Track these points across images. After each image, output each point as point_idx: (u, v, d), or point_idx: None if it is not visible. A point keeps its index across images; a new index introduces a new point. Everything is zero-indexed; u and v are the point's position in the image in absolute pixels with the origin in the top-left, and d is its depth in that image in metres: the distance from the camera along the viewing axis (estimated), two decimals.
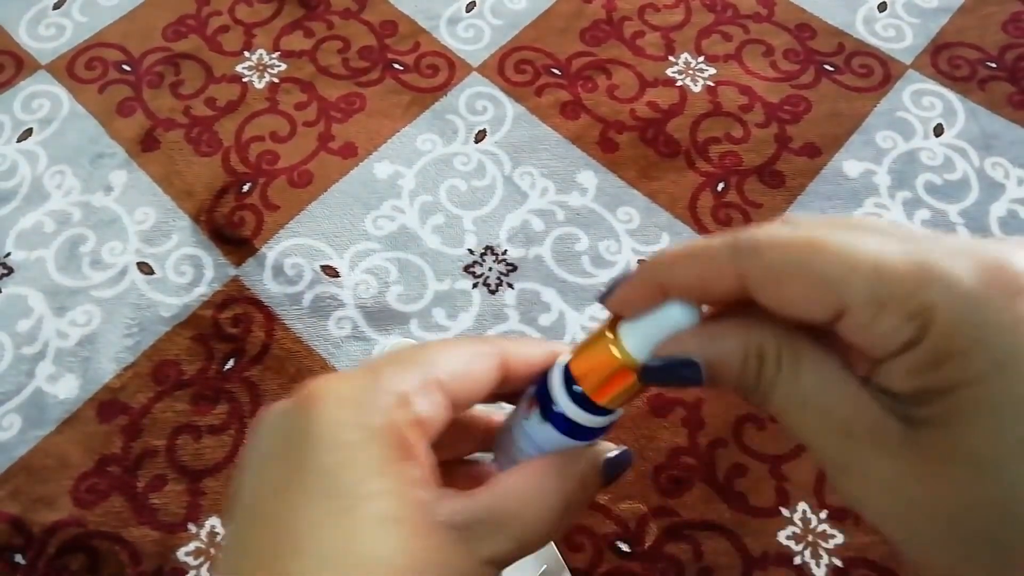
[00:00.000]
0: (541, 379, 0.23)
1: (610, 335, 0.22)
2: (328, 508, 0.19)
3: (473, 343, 0.23)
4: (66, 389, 0.47)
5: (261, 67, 0.60)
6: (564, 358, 0.23)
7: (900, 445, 0.17)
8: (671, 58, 0.60)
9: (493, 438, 0.26)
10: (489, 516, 0.21)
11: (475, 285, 0.50)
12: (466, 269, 0.51)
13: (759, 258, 0.18)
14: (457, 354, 0.23)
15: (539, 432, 0.23)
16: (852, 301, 0.17)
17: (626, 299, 0.21)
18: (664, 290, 0.20)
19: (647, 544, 0.42)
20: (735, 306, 0.20)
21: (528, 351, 0.24)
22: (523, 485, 0.22)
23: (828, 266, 0.17)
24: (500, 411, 0.26)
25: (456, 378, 0.22)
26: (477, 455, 0.27)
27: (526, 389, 0.24)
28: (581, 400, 0.22)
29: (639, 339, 0.21)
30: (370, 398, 0.20)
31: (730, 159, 0.55)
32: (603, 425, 0.23)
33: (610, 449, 0.24)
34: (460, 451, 0.26)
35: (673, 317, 0.21)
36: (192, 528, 0.43)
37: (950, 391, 0.16)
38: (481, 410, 0.26)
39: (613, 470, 0.24)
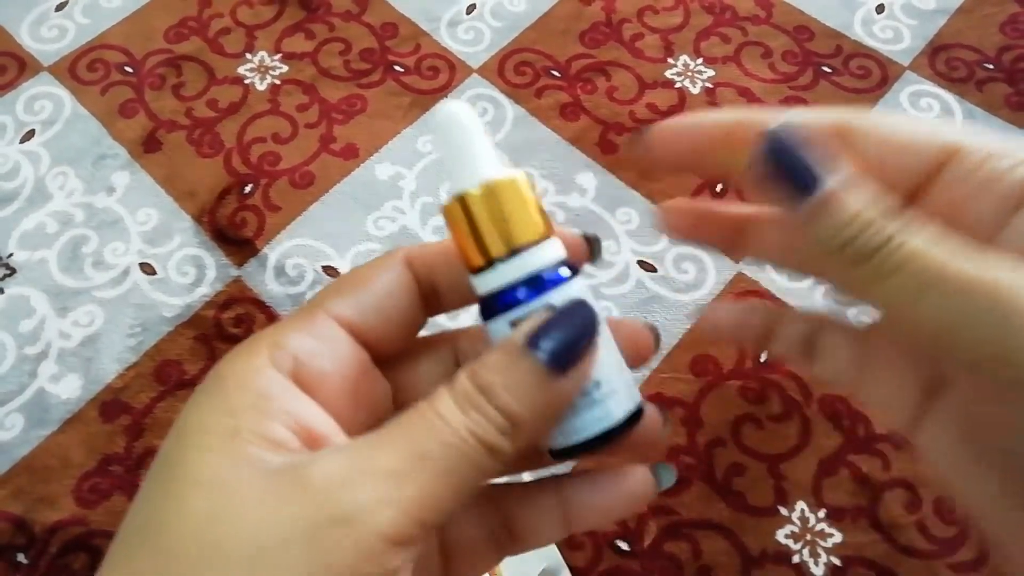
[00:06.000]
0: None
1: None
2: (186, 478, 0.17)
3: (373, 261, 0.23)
4: (68, 389, 0.47)
5: (263, 69, 0.60)
6: None
7: None
8: (670, 60, 0.60)
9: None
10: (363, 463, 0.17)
11: None
12: None
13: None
14: (348, 277, 0.22)
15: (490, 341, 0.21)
16: (964, 139, 0.18)
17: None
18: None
19: (646, 543, 0.43)
20: None
21: (431, 247, 0.23)
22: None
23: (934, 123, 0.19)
24: None
25: (361, 295, 0.21)
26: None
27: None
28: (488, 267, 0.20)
29: None
30: (245, 356, 0.19)
31: None
32: (526, 275, 0.20)
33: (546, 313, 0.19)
34: None
35: None
36: None
37: None
38: None
39: (562, 344, 0.18)
